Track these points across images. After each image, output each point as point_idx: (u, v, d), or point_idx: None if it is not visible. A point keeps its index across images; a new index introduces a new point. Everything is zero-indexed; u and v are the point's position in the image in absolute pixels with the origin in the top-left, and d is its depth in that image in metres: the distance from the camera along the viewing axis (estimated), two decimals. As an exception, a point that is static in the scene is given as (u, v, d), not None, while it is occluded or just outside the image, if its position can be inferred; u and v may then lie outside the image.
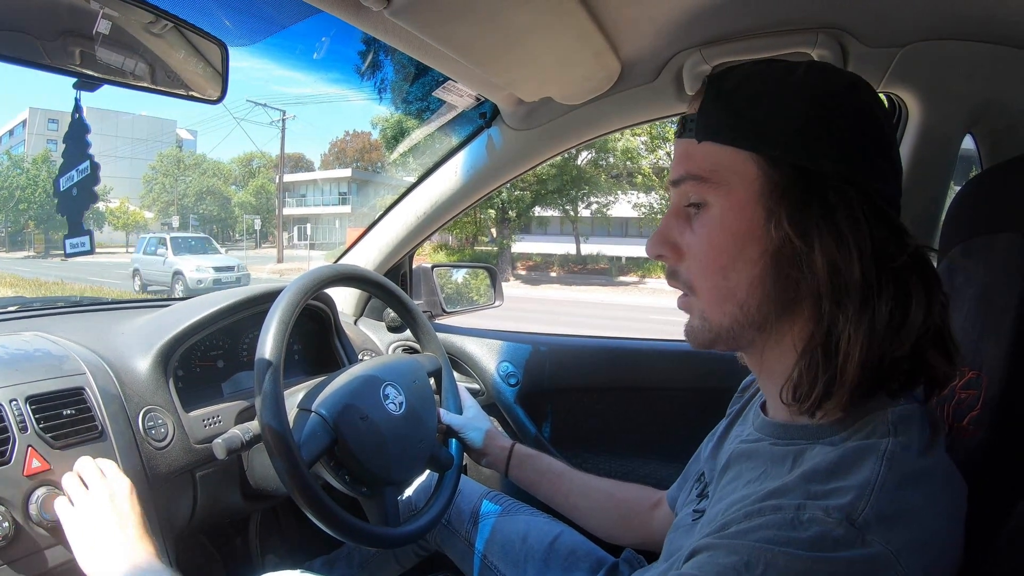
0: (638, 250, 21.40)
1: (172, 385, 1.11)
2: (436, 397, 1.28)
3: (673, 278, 0.67)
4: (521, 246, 23.60)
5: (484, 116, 1.43)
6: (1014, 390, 0.67)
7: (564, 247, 23.43)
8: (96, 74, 0.81)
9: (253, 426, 0.98)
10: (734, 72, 0.64)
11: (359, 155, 35.80)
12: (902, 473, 0.52)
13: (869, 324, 0.55)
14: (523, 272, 22.68)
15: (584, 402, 1.69)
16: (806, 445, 0.60)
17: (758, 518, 0.51)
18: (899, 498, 0.51)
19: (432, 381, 1.28)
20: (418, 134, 1.67)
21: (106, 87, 0.84)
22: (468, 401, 1.33)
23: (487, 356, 1.73)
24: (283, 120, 28.22)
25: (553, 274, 22.56)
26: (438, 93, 1.31)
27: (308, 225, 32.80)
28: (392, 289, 1.27)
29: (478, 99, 1.33)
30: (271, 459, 0.91)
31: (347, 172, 33.81)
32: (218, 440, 0.96)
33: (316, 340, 1.47)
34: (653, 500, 1.09)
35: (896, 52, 1.04)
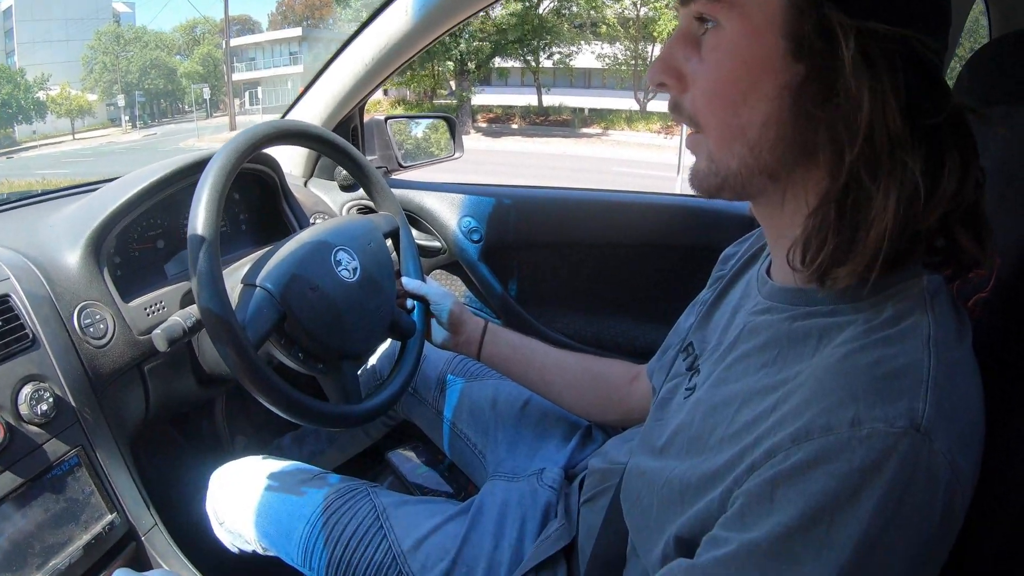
0: (601, 101, 21.03)
1: (108, 275, 0.99)
2: (395, 259, 1.18)
3: (676, 111, 0.57)
4: (481, 98, 22.72)
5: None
6: None
7: (526, 99, 22.59)
8: None
9: (195, 310, 0.87)
10: None
11: (309, 12, 33.27)
12: (948, 361, 0.46)
13: (898, 187, 0.46)
14: (483, 124, 22.01)
15: (552, 258, 1.62)
16: (826, 319, 0.53)
17: (806, 443, 0.45)
18: (951, 392, 0.45)
19: (389, 243, 1.17)
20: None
21: None
22: (429, 280, 1.22)
23: (447, 211, 1.62)
24: (224, -21, 25.86)
25: (514, 126, 21.96)
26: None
27: (259, 89, 31.28)
28: (338, 143, 1.12)
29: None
30: (215, 344, 0.82)
31: (297, 31, 31.78)
32: (157, 331, 0.86)
33: (263, 207, 1.33)
34: (632, 374, 1.03)
35: None
